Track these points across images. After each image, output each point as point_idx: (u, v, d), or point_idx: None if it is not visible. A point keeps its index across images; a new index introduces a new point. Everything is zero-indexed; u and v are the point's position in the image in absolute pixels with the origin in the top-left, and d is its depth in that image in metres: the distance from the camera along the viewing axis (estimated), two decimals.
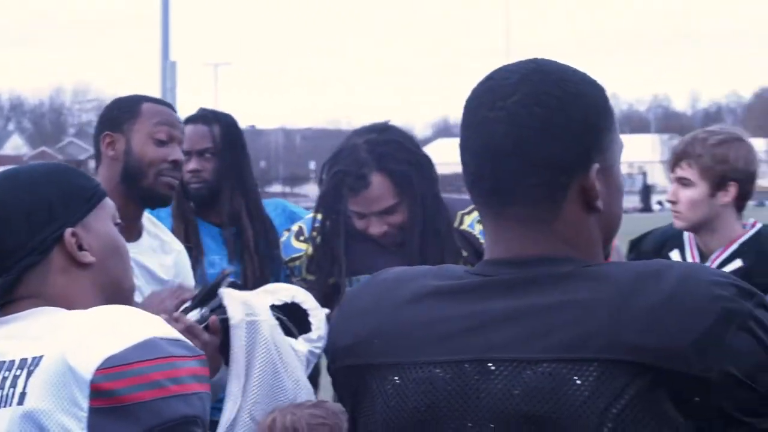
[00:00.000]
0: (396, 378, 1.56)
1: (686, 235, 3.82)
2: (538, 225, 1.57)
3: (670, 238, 3.86)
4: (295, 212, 4.24)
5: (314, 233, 3.63)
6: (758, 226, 3.76)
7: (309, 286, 3.62)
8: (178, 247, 3.56)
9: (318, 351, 3.05)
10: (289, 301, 3.02)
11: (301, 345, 2.99)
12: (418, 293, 1.58)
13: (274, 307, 2.99)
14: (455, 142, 1.60)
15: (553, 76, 1.58)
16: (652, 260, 1.55)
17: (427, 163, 3.56)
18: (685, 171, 3.69)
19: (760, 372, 1.45)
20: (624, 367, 1.43)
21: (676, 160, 3.72)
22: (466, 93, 1.63)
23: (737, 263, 3.65)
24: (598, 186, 1.57)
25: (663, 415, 1.42)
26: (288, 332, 2.98)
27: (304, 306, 3.01)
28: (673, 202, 3.72)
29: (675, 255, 3.80)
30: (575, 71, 1.61)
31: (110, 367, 1.65)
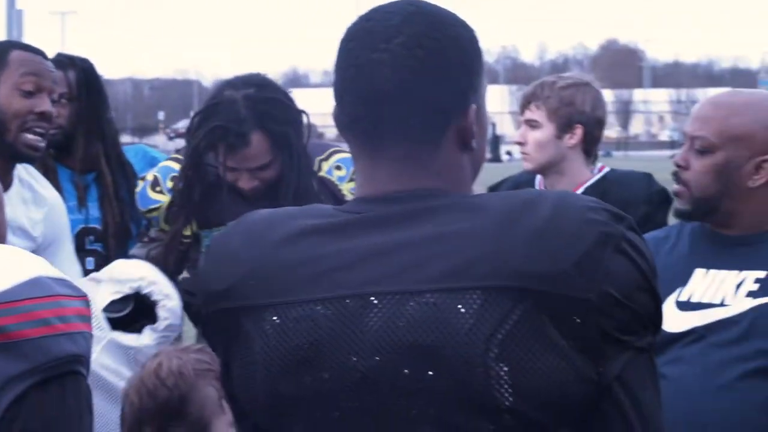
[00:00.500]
0: (275, 318, 1.55)
1: (537, 181, 3.88)
2: (414, 163, 1.57)
3: (523, 184, 3.91)
4: (156, 157, 4.18)
5: (175, 183, 3.57)
6: (605, 170, 3.83)
7: (167, 236, 3.62)
8: (54, 201, 3.49)
9: (170, 336, 2.99)
10: (133, 292, 2.96)
11: (146, 337, 2.94)
12: (291, 233, 1.58)
13: (115, 303, 2.94)
14: (305, 92, 1.61)
15: (433, 18, 1.59)
16: (524, 190, 1.57)
17: (301, 119, 3.52)
18: (534, 113, 3.74)
19: (636, 291, 1.50)
20: (506, 293, 1.45)
21: (525, 102, 3.77)
22: (317, 43, 1.62)
23: None
24: (473, 126, 1.60)
25: (546, 338, 1.45)
26: (129, 324, 2.94)
27: (153, 297, 2.95)
28: (521, 144, 3.77)
29: None
30: (449, 13, 1.63)
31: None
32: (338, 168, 3.67)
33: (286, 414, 1.57)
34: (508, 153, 55.57)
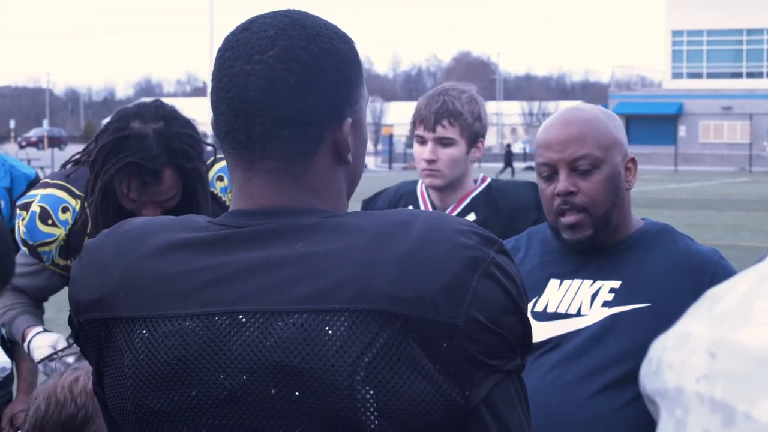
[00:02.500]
0: (144, 331, 1.54)
1: (419, 190, 3.87)
2: (287, 177, 1.57)
3: (404, 195, 3.91)
4: (15, 165, 4.10)
5: (80, 216, 3.42)
6: (488, 180, 3.87)
7: (62, 270, 3.51)
8: None
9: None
10: None
11: None
12: (163, 246, 1.56)
13: None
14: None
15: (309, 31, 1.59)
16: (396, 210, 1.56)
17: (203, 147, 3.44)
18: (448, 130, 3.71)
19: (503, 315, 1.50)
20: (374, 317, 1.45)
21: (436, 119, 3.72)
22: (167, 50, 1.61)
23: (471, 216, 3.73)
24: (349, 139, 1.60)
25: (413, 362, 1.45)
26: None
27: None
28: (432, 161, 3.72)
29: None
30: (327, 24, 1.63)
31: None
32: (220, 179, 3.63)
33: (154, 429, 1.56)
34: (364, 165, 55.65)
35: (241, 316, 1.50)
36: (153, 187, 3.28)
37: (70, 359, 3.37)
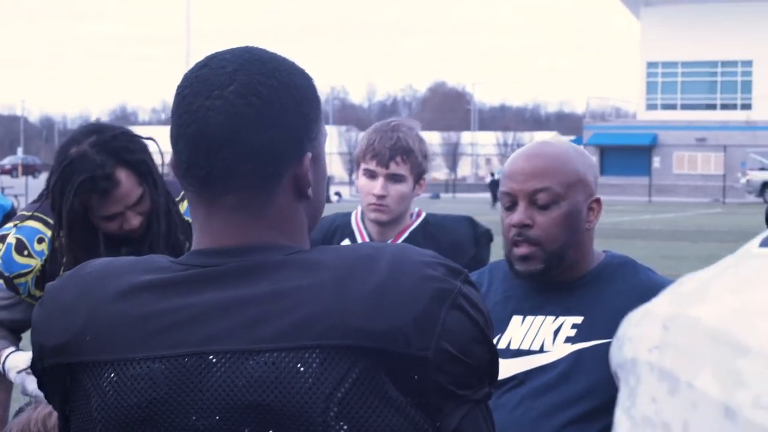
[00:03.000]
0: (113, 375, 1.53)
1: (354, 222, 3.88)
2: (249, 213, 1.57)
3: (339, 227, 3.90)
4: None
5: (55, 244, 3.44)
6: (423, 214, 3.89)
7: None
8: None
9: None
10: None
11: None
12: (127, 288, 1.55)
13: None
14: (134, 129, 1.59)
15: (269, 66, 1.59)
16: (360, 244, 1.57)
17: (147, 147, 3.49)
18: (400, 167, 3.73)
19: (471, 345, 1.51)
20: (345, 352, 1.45)
21: (390, 156, 3.73)
22: (143, 78, 1.61)
23: None
24: (309, 174, 1.60)
25: (385, 395, 1.46)
26: None
27: None
28: (382, 197, 3.73)
29: (345, 243, 3.84)
30: (285, 60, 1.63)
31: None
32: None
33: None
34: (337, 194, 55.76)
35: (211, 357, 1.49)
36: (114, 192, 3.35)
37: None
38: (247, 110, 1.55)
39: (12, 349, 3.52)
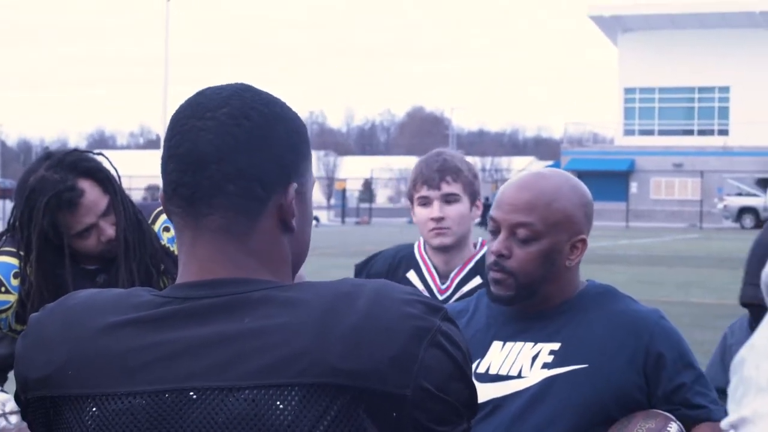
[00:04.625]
0: (95, 409, 1.54)
1: (417, 253, 3.88)
2: (232, 239, 1.58)
3: (404, 259, 3.91)
4: None
5: (30, 279, 3.42)
6: (488, 243, 3.88)
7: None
8: None
9: None
10: None
11: None
12: (110, 323, 1.56)
13: None
14: (112, 154, 1.59)
15: (263, 96, 1.63)
16: (341, 280, 1.58)
17: (92, 156, 3.52)
18: (452, 186, 3.74)
19: (450, 382, 1.53)
20: (324, 390, 1.46)
21: (439, 177, 3.74)
22: (121, 102, 1.63)
23: (477, 280, 3.77)
24: (294, 205, 1.62)
25: None
26: None
27: None
28: (440, 219, 3.74)
29: (412, 275, 3.87)
30: (280, 99, 1.67)
31: None
32: (166, 230, 3.67)
33: None
34: (316, 218, 55.74)
35: (191, 393, 1.50)
36: (82, 202, 3.39)
37: (14, 419, 3.33)
38: (237, 131, 1.58)
39: None
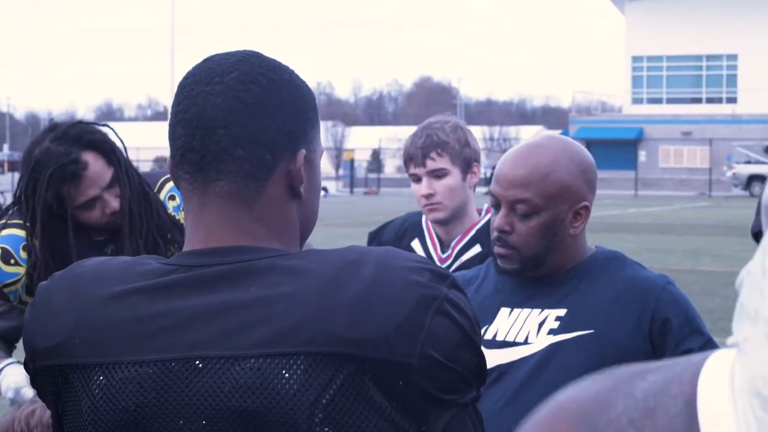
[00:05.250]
0: (102, 378, 1.54)
1: (424, 223, 3.89)
2: (240, 205, 1.58)
3: (410, 228, 3.93)
4: None
5: (34, 251, 3.44)
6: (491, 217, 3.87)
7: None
8: None
9: None
10: None
11: None
12: (117, 291, 1.56)
13: None
14: (120, 126, 1.59)
15: (271, 63, 1.63)
16: (347, 248, 1.57)
17: (96, 127, 3.53)
18: (438, 161, 3.72)
19: (457, 351, 1.51)
20: (330, 359, 1.46)
21: (424, 153, 3.73)
22: (128, 74, 1.63)
23: (476, 248, 3.76)
24: (302, 172, 1.61)
25: (370, 401, 1.46)
26: None
27: None
28: (430, 195, 3.73)
29: (416, 244, 3.88)
30: (288, 66, 1.66)
31: None
32: (172, 198, 3.68)
33: None
34: (324, 189, 55.76)
35: (197, 362, 1.50)
36: (86, 174, 3.39)
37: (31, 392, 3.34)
38: (246, 96, 1.58)
39: (9, 360, 3.53)
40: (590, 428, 0.97)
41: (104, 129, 3.53)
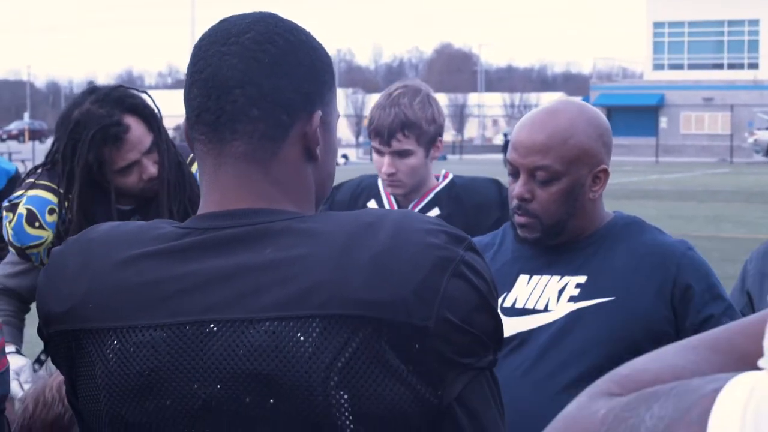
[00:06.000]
0: (116, 342, 1.53)
1: (381, 185, 3.83)
2: (256, 167, 1.57)
3: (365, 189, 3.87)
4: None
5: (69, 215, 3.42)
6: (450, 176, 3.83)
7: None
8: None
9: None
10: None
11: None
12: (130, 256, 1.55)
13: None
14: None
15: (287, 24, 1.62)
16: (363, 211, 1.56)
17: (136, 93, 3.52)
18: (403, 143, 3.63)
19: (474, 314, 1.50)
20: (345, 321, 1.44)
21: (389, 134, 3.63)
22: (149, 42, 1.62)
23: (435, 211, 3.71)
24: (318, 134, 1.60)
25: (385, 364, 1.45)
26: None
27: None
28: (391, 174, 3.67)
29: (372, 205, 3.82)
30: (304, 28, 1.64)
31: None
32: None
33: None
34: (344, 156, 55.70)
35: (212, 325, 1.49)
36: (127, 137, 3.37)
37: (27, 386, 3.35)
38: (262, 56, 1.57)
39: (11, 349, 3.50)
40: None
41: (142, 95, 3.51)
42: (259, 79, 1.56)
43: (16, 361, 3.46)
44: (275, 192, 1.58)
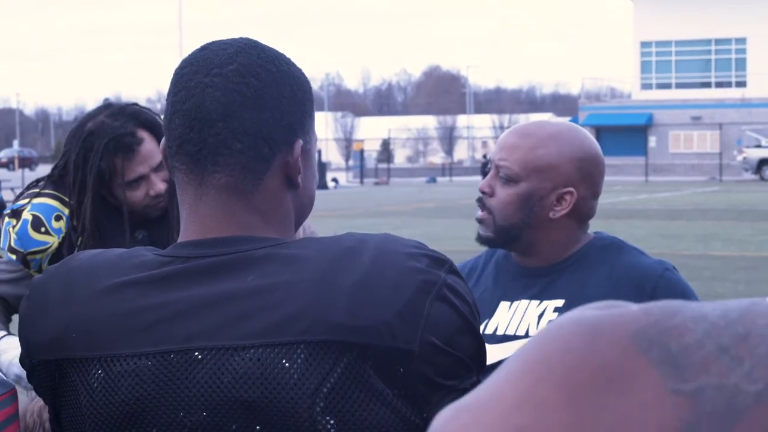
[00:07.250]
0: (100, 371, 1.53)
1: None
2: (237, 197, 1.57)
3: None
4: None
5: (80, 225, 3.42)
6: None
7: None
8: None
9: None
10: None
11: None
12: (112, 284, 1.55)
13: None
14: None
15: (269, 53, 1.61)
16: (345, 235, 1.56)
17: (149, 111, 3.57)
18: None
19: (457, 336, 1.51)
20: (330, 347, 1.45)
21: None
22: (137, 69, 1.62)
23: None
24: (300, 162, 1.60)
25: (370, 388, 1.46)
26: None
27: None
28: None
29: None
30: (284, 54, 1.65)
31: None
32: None
33: None
34: (335, 180, 55.72)
35: (196, 353, 1.50)
36: (140, 150, 3.40)
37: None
38: (245, 89, 1.56)
39: (2, 333, 3.47)
40: (660, 351, 0.75)
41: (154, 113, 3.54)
42: (242, 113, 1.56)
43: (15, 340, 3.38)
44: (256, 220, 1.58)
